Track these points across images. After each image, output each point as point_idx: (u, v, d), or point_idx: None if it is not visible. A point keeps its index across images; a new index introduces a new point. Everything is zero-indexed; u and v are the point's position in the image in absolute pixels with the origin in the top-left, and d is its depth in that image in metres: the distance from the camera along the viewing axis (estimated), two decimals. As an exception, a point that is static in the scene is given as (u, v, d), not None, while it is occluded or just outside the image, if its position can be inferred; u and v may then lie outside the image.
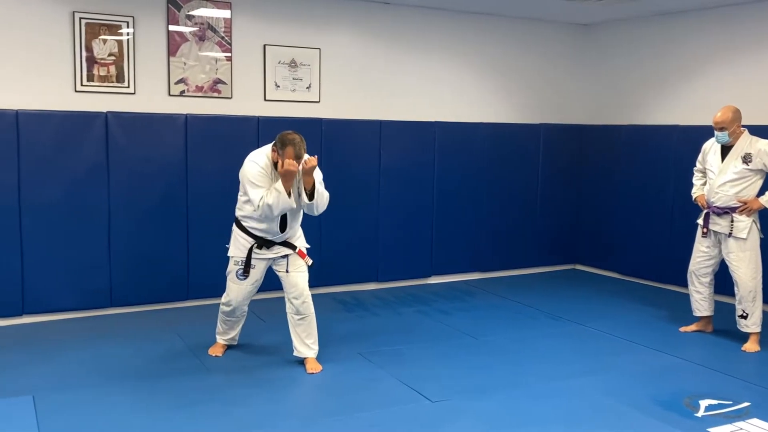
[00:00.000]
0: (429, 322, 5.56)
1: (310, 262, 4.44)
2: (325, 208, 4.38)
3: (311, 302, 4.40)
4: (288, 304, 4.40)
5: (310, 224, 6.10)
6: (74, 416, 3.66)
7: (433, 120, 6.78)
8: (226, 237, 4.53)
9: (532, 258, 7.48)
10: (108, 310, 5.53)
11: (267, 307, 5.57)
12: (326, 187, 4.39)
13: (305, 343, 4.41)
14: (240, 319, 4.64)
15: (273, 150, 4.22)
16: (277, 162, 4.19)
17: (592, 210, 7.53)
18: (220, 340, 4.69)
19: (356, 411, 3.80)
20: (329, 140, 6.20)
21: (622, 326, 5.50)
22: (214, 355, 4.61)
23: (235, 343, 4.75)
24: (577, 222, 7.66)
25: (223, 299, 4.51)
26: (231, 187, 4.64)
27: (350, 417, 3.72)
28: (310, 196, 4.21)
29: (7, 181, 5.10)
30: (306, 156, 4.18)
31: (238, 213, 4.40)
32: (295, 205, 4.17)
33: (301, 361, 4.45)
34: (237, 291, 4.43)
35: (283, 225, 4.32)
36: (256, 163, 4.21)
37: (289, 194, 4.10)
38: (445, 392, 4.08)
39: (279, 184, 4.11)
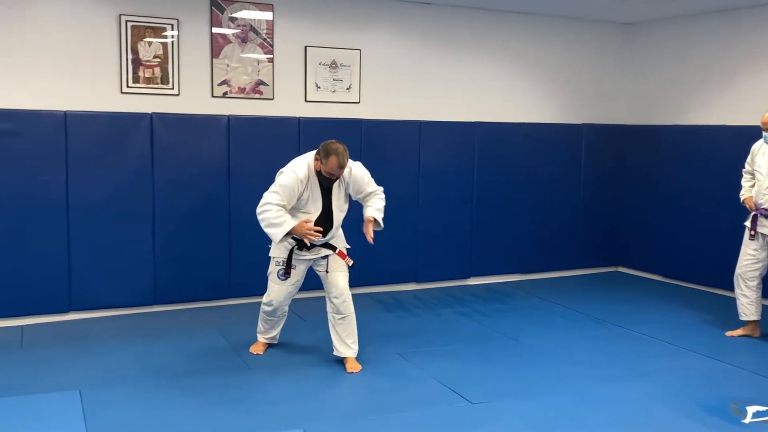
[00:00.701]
0: (468, 324, 5.53)
1: (351, 262, 4.45)
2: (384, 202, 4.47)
3: (351, 302, 4.42)
4: (328, 304, 4.43)
5: (349, 224, 6.14)
6: (120, 412, 3.73)
7: (473, 120, 6.75)
8: (267, 237, 4.57)
9: (574, 259, 7.39)
10: (152, 307, 5.63)
11: (308, 306, 5.60)
12: None
13: (345, 343, 4.43)
14: (281, 319, 4.68)
15: (316, 158, 4.23)
16: (320, 170, 4.20)
17: (635, 211, 7.41)
18: (261, 338, 4.74)
19: (396, 411, 3.81)
20: (369, 141, 6.21)
21: (667, 330, 5.40)
22: (255, 353, 4.67)
23: (276, 341, 4.79)
24: (619, 223, 7.55)
25: (265, 299, 4.56)
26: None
27: (390, 417, 3.73)
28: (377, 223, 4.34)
29: (55, 180, 5.22)
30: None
31: None
32: (278, 243, 4.26)
33: (341, 361, 4.47)
34: (278, 291, 4.47)
35: (325, 232, 4.33)
36: (295, 173, 4.20)
37: (287, 234, 4.16)
38: (485, 394, 4.05)
39: (293, 220, 4.15)
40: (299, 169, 4.23)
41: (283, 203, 4.17)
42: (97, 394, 3.94)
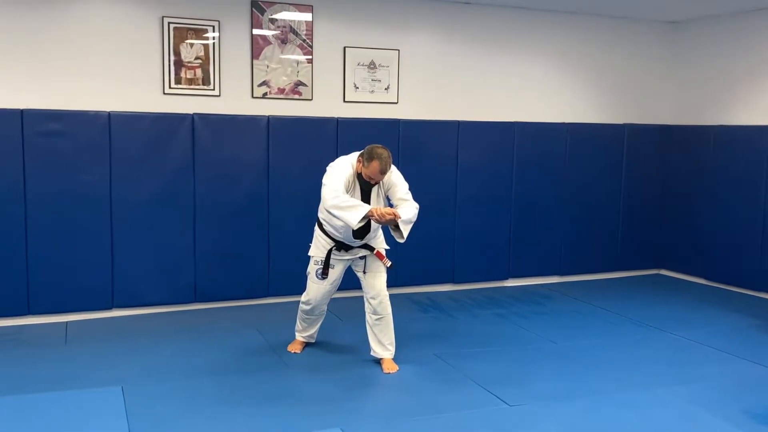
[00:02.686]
0: (506, 326, 5.48)
1: (389, 263, 4.42)
2: (416, 218, 4.27)
3: (389, 303, 4.41)
4: (366, 304, 4.45)
5: (386, 226, 6.13)
6: (161, 408, 3.78)
7: (512, 120, 6.69)
8: (306, 236, 4.61)
9: (614, 261, 7.28)
10: (192, 305, 5.71)
11: (345, 306, 5.62)
12: None
13: (382, 344, 4.45)
14: (319, 318, 4.70)
15: (358, 161, 4.23)
16: (360, 173, 4.20)
17: (678, 213, 7.26)
18: (299, 337, 4.77)
19: (434, 412, 3.79)
20: (407, 141, 6.20)
21: (711, 334, 5.28)
22: (293, 351, 4.69)
23: (314, 340, 4.82)
24: (662, 225, 7.41)
25: (303, 298, 4.58)
26: (311, 187, 4.72)
27: (429, 418, 3.71)
28: (398, 231, 4.14)
29: (99, 179, 5.33)
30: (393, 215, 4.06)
31: (319, 215, 4.45)
32: (355, 227, 4.07)
33: (378, 361, 4.47)
34: (316, 290, 4.49)
35: (361, 235, 4.32)
36: (342, 167, 4.23)
37: (362, 219, 3.99)
38: (523, 397, 4.01)
39: (364, 206, 4.03)
40: (345, 166, 4.25)
41: (344, 191, 4.13)
42: (139, 390, 4.00)
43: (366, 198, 4.28)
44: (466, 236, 6.55)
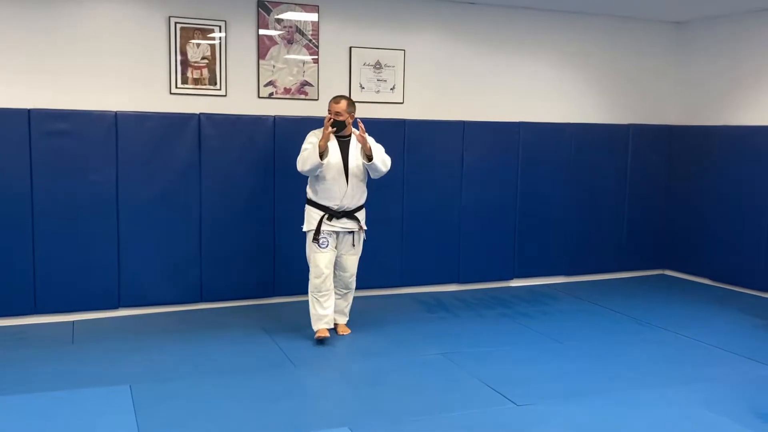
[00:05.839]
0: (512, 325, 5.49)
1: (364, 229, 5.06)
2: (388, 168, 4.99)
3: (355, 280, 5.12)
4: (337, 280, 5.03)
5: (392, 225, 6.17)
6: (170, 406, 3.79)
7: (517, 120, 6.70)
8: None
9: (619, 262, 7.28)
10: (198, 305, 5.72)
11: (353, 307, 5.62)
12: (408, 186, 5.69)
13: (344, 312, 5.16)
14: (330, 294, 4.93)
15: (327, 117, 4.88)
16: (333, 126, 4.82)
17: (682, 214, 7.26)
18: (320, 325, 4.91)
19: (442, 411, 3.80)
20: (412, 141, 6.22)
21: (717, 334, 5.29)
22: (324, 336, 4.88)
23: (332, 325, 5.01)
24: (666, 225, 7.41)
25: (314, 274, 4.87)
26: (318, 186, 4.73)
27: (437, 417, 3.72)
28: (369, 158, 4.82)
29: (106, 179, 5.34)
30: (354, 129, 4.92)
31: (307, 192, 4.98)
32: (323, 162, 4.74)
33: (334, 327, 5.10)
34: (321, 258, 4.86)
35: (345, 194, 4.86)
36: (312, 132, 4.96)
37: (321, 156, 4.72)
38: (531, 396, 4.02)
39: (314, 145, 4.77)
40: (315, 131, 4.97)
41: (310, 147, 4.83)
42: (147, 388, 4.01)
43: (345, 149, 4.89)
44: (471, 236, 6.56)
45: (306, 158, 4.79)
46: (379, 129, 6.03)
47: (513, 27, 6.69)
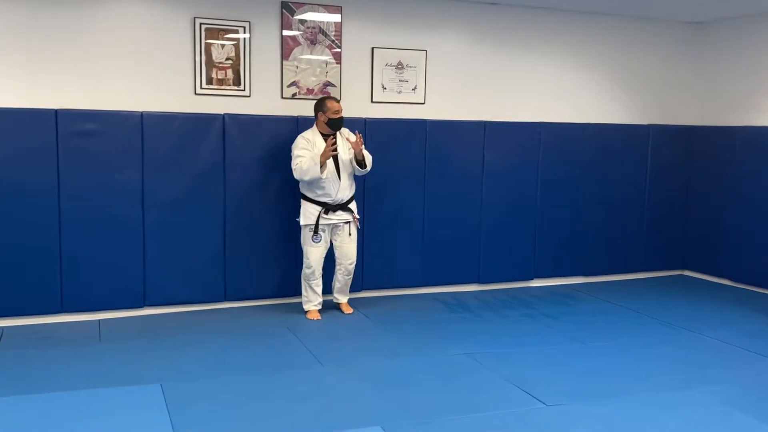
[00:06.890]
0: (534, 326, 5.50)
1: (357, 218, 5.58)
2: (371, 165, 5.50)
3: (354, 266, 5.60)
4: (339, 266, 5.55)
5: (413, 225, 6.20)
6: (202, 405, 3.82)
7: (538, 121, 6.71)
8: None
9: (638, 262, 7.28)
10: (222, 304, 5.76)
11: (373, 305, 5.69)
12: (429, 187, 6.20)
13: (344, 293, 5.68)
14: (319, 281, 5.53)
15: (318, 119, 5.39)
16: (327, 122, 5.32)
17: (703, 214, 7.25)
18: (311, 306, 5.54)
19: (471, 412, 3.81)
20: (433, 141, 6.24)
21: (740, 335, 5.29)
22: (315, 318, 5.46)
23: (321, 306, 5.57)
24: (687, 226, 7.40)
25: (306, 264, 5.46)
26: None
27: (467, 417, 3.74)
28: (362, 164, 5.39)
29: (131, 179, 5.38)
30: (354, 137, 5.37)
31: (301, 189, 5.42)
32: (323, 176, 5.22)
33: (338, 306, 5.71)
34: (314, 253, 5.42)
35: (337, 187, 5.35)
36: (303, 136, 5.38)
37: (321, 169, 5.20)
38: (559, 396, 4.03)
39: (317, 156, 5.19)
40: (306, 133, 5.42)
41: (307, 155, 5.27)
42: (178, 387, 4.04)
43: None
44: (492, 236, 6.57)
45: (306, 170, 5.22)
46: (401, 129, 6.08)
47: (534, 28, 6.70)
